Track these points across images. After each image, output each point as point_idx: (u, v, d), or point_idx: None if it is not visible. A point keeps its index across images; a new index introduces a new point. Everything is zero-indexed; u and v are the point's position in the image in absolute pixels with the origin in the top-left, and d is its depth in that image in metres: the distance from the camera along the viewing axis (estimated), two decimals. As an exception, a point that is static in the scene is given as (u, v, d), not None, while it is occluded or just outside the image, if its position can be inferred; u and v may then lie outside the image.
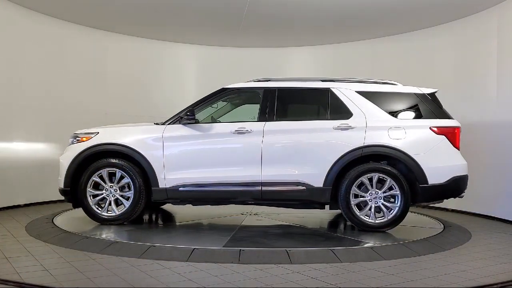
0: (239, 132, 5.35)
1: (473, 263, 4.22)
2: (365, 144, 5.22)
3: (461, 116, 7.18)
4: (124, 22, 8.20)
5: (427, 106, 5.45)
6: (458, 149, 5.36)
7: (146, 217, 6.35)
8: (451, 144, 5.30)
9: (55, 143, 7.87)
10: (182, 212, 6.72)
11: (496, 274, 3.88)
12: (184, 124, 5.44)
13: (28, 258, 4.11)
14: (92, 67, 8.47)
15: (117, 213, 5.44)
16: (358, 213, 5.22)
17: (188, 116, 5.39)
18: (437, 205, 7.57)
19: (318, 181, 5.22)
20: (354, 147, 5.21)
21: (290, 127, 5.38)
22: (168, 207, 6.93)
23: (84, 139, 5.57)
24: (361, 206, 5.27)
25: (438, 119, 5.38)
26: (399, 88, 5.58)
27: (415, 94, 5.50)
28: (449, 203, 6.79)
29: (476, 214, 7.12)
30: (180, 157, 5.41)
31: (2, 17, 7.02)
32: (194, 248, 4.27)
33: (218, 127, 5.49)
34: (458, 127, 5.37)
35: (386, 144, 5.23)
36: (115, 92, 8.75)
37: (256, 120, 5.45)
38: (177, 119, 5.50)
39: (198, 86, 9.31)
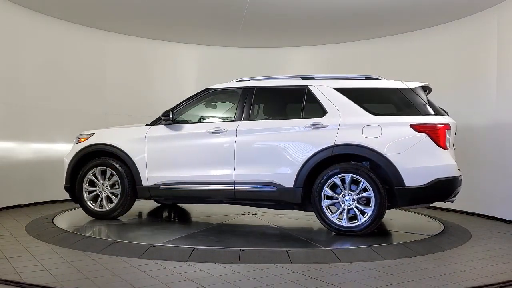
0: (214, 132, 5.40)
1: (473, 263, 4.22)
2: (336, 143, 4.97)
3: (461, 116, 7.19)
4: (124, 22, 8.20)
5: (411, 102, 5.06)
6: (445, 148, 4.89)
7: (165, 214, 6.65)
8: (434, 143, 4.85)
9: (55, 143, 7.88)
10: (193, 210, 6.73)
11: (496, 274, 3.88)
12: (164, 124, 5.62)
13: (28, 258, 4.11)
14: (92, 67, 8.48)
15: (107, 208, 5.75)
16: (329, 216, 4.96)
17: (164, 117, 5.56)
18: (437, 205, 7.57)
19: (288, 181, 5.08)
20: (324, 146, 4.99)
21: (263, 126, 5.33)
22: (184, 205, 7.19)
23: (82, 139, 5.98)
24: (337, 208, 5.02)
25: (420, 116, 4.97)
26: (382, 83, 5.26)
27: (399, 89, 5.14)
28: (449, 203, 6.78)
29: (476, 214, 7.12)
30: (160, 157, 5.59)
31: (2, 17, 7.03)
32: (194, 248, 4.27)
33: (195, 127, 5.60)
34: (444, 124, 4.91)
35: (358, 143, 4.92)
36: (114, 92, 8.75)
37: (232, 120, 5.48)
38: (160, 120, 5.68)
39: (198, 86, 9.27)
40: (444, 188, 4.91)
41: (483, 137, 6.98)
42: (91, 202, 5.82)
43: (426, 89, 5.40)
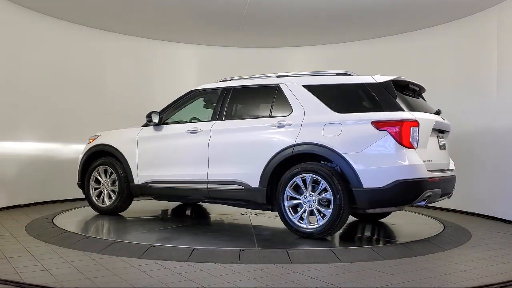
0: (191, 132, 5.53)
1: (473, 263, 4.22)
2: (296, 142, 4.83)
3: (461, 116, 7.20)
4: (124, 22, 8.20)
5: (377, 97, 4.72)
6: (410, 147, 4.50)
7: (188, 212, 6.95)
8: (395, 141, 4.48)
9: (55, 143, 7.88)
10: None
11: (496, 274, 3.87)
12: (152, 125, 5.90)
13: (28, 258, 4.11)
14: (91, 67, 8.47)
15: (107, 204, 6.15)
16: (291, 217, 4.82)
17: (147, 119, 5.87)
18: (437, 205, 7.57)
19: (254, 181, 5.04)
20: (286, 146, 4.88)
21: (233, 126, 5.35)
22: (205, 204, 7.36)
23: (91, 140, 6.45)
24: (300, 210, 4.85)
25: (384, 112, 4.62)
26: (349, 79, 5.02)
27: (366, 84, 4.83)
28: (449, 203, 6.79)
29: (476, 214, 7.11)
30: (148, 156, 5.87)
31: (2, 17, 7.02)
32: (194, 248, 4.27)
33: (176, 128, 5.78)
34: (408, 121, 4.50)
35: (316, 142, 4.73)
36: (114, 92, 8.75)
37: (209, 120, 5.58)
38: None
39: (198, 86, 9.30)
40: (407, 190, 4.51)
41: (483, 137, 6.98)
42: (96, 198, 6.25)
43: (407, 84, 5.05)
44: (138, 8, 7.40)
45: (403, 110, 4.63)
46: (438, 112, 5.25)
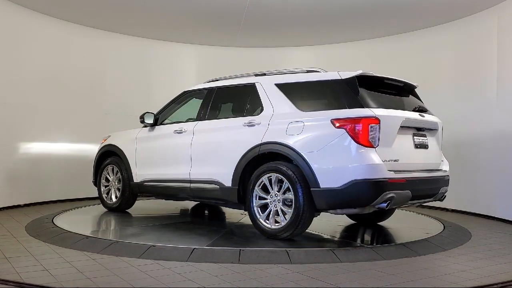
0: (178, 132, 5.66)
1: (473, 263, 4.22)
2: (262, 142, 4.81)
3: (461, 116, 7.21)
4: (124, 22, 8.20)
5: (341, 94, 4.59)
6: (368, 146, 4.30)
7: (206, 212, 7.04)
8: (352, 140, 4.31)
9: (54, 143, 7.88)
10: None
11: (496, 274, 3.88)
12: (149, 127, 6.11)
13: (28, 258, 4.11)
14: (92, 67, 8.46)
15: (113, 201, 6.47)
16: (259, 217, 4.80)
17: (140, 120, 6.06)
18: (437, 205, 7.57)
19: (227, 180, 5.06)
20: (254, 145, 4.87)
21: (212, 126, 5.42)
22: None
23: (103, 140, 6.78)
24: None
25: (344, 109, 4.46)
26: (317, 76, 4.90)
27: (332, 81, 4.70)
28: (449, 203, 6.80)
29: (476, 214, 7.11)
30: (143, 156, 6.08)
31: (2, 17, 7.02)
32: (194, 248, 4.27)
33: (166, 128, 5.94)
34: (365, 118, 4.30)
35: (278, 141, 4.70)
36: (114, 92, 8.74)
37: (194, 120, 5.68)
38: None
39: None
40: (364, 191, 4.30)
41: (483, 137, 6.98)
42: (106, 196, 6.61)
43: (382, 80, 4.84)
44: (138, 8, 7.40)
45: (363, 107, 4.41)
46: (421, 109, 5.00)
